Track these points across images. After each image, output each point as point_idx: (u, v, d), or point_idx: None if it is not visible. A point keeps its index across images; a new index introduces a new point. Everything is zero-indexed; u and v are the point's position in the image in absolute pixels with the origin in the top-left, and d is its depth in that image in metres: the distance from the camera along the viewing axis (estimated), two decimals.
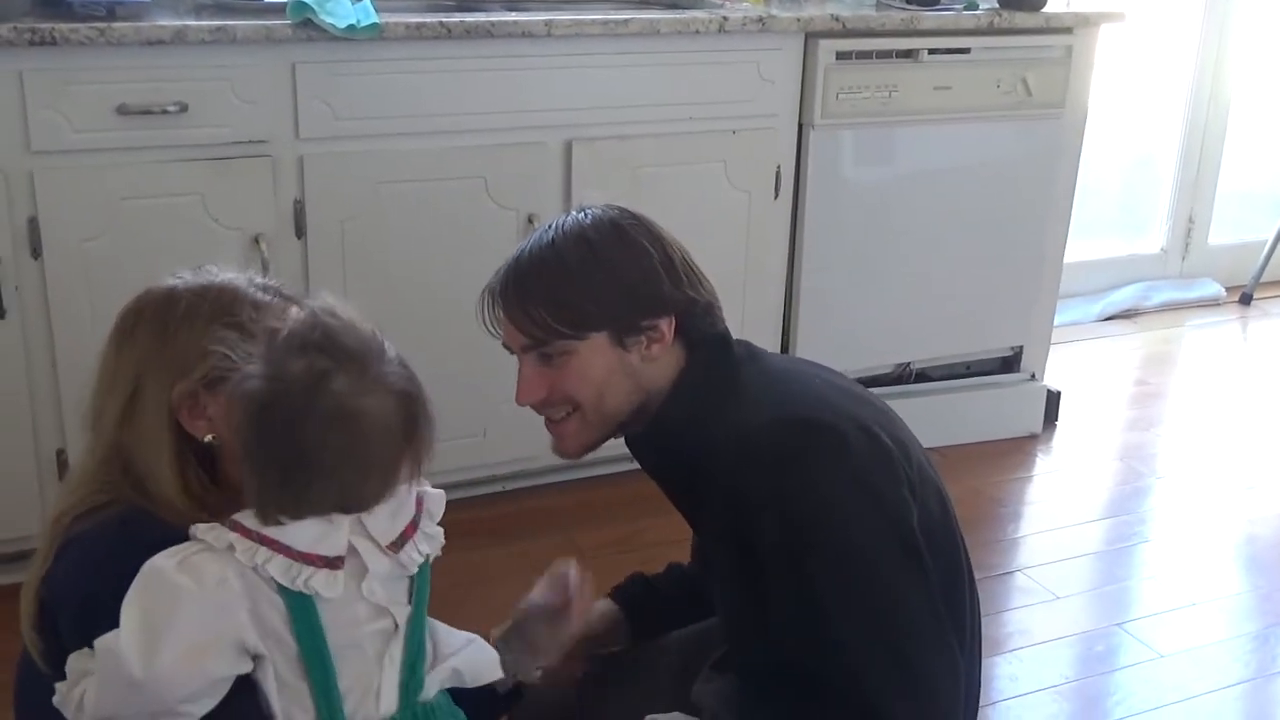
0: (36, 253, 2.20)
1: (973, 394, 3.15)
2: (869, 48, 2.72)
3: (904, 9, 2.81)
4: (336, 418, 1.20)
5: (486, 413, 2.56)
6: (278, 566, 1.20)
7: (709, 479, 1.43)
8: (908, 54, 2.77)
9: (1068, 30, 2.93)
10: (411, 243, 2.46)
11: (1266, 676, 2.32)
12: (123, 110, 2.18)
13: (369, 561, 1.23)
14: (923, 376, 3.12)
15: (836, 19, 2.67)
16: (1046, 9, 2.88)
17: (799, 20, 2.65)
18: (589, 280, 1.46)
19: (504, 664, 1.41)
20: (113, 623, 1.18)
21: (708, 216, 2.68)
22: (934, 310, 3.02)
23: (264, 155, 2.31)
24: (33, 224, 2.18)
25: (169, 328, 1.38)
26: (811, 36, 2.68)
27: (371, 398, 1.22)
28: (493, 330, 1.51)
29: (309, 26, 2.24)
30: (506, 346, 1.51)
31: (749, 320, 2.71)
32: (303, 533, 1.21)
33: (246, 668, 1.21)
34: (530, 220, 2.52)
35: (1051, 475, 3.09)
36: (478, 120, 2.46)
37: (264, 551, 1.20)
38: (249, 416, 1.22)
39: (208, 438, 1.37)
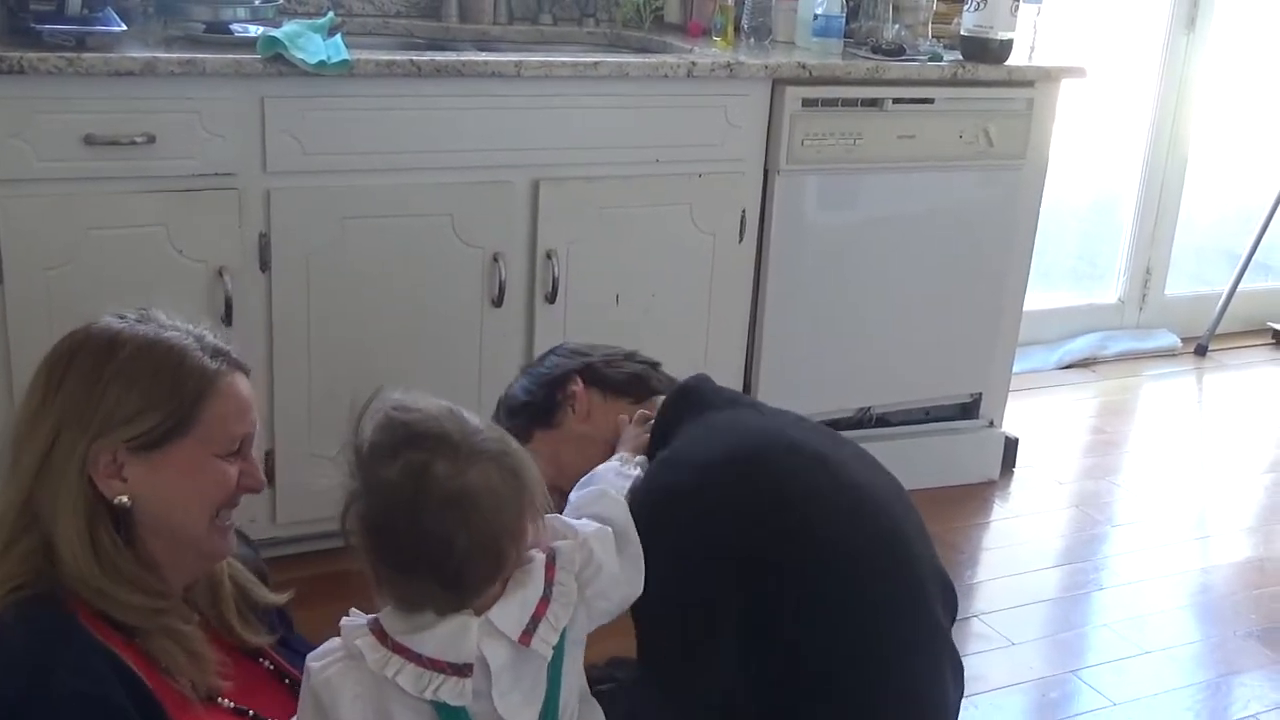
0: None
1: (931, 439, 3.18)
2: (835, 95, 2.76)
3: (870, 58, 2.85)
4: (450, 505, 1.19)
5: None
6: (408, 677, 1.20)
7: None
8: (873, 103, 2.80)
9: (1029, 84, 2.98)
10: (376, 278, 2.46)
11: None
12: (90, 140, 2.17)
13: (492, 662, 1.21)
14: (883, 421, 3.14)
15: (803, 66, 2.71)
16: (1009, 62, 2.93)
17: (767, 67, 2.68)
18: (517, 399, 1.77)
19: None
20: None
21: (673, 258, 2.70)
22: (895, 355, 3.05)
23: (230, 188, 2.31)
24: None
25: (102, 379, 1.32)
26: (779, 83, 2.71)
27: (474, 471, 1.21)
28: None
29: (279, 61, 2.25)
30: None
31: (711, 361, 2.72)
32: (432, 639, 1.21)
33: None
34: (496, 259, 2.53)
35: (1008, 522, 3.12)
36: (445, 158, 2.47)
37: (395, 662, 1.20)
38: (370, 539, 1.22)
39: (119, 499, 1.33)
